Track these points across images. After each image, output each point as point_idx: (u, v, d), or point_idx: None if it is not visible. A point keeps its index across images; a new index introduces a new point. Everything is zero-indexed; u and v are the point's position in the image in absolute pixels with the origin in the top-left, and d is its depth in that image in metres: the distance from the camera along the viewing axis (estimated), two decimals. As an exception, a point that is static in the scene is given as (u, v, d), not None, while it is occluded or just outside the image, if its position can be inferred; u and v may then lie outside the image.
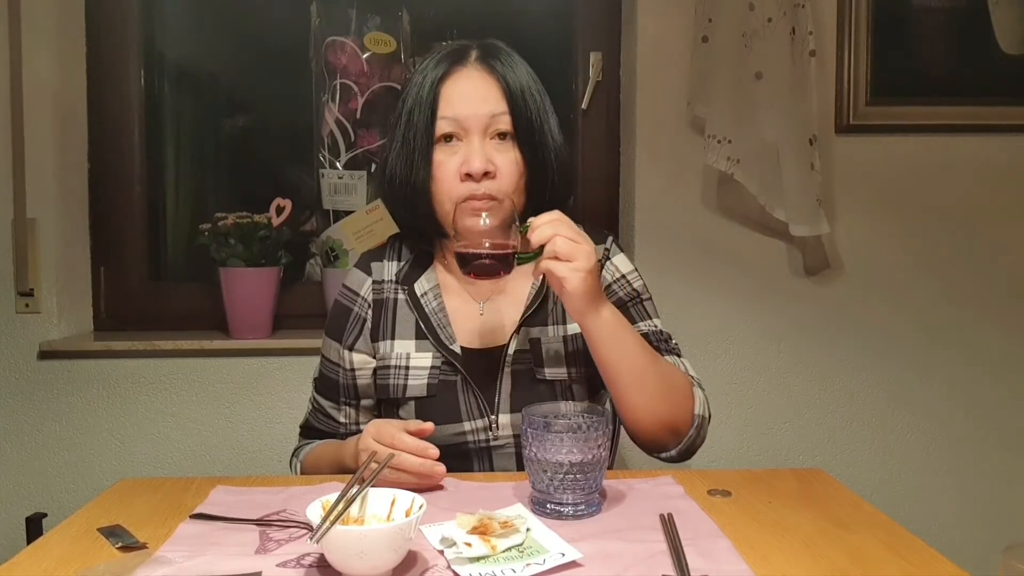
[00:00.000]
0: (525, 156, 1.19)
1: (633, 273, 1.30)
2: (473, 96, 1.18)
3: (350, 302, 1.29)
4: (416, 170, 1.19)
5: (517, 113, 1.18)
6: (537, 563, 0.83)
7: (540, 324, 1.24)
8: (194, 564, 0.85)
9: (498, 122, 1.18)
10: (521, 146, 1.19)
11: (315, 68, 2.03)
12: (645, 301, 1.29)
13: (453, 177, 1.17)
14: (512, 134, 1.18)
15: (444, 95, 1.18)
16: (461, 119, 1.17)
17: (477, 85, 1.19)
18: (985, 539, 1.98)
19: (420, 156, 1.18)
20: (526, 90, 1.20)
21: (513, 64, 1.21)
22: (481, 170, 1.15)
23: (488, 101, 1.18)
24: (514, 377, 1.21)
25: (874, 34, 1.98)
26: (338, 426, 1.31)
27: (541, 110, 1.21)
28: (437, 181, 1.19)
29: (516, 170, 1.18)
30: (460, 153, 1.17)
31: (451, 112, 1.17)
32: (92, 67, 2.03)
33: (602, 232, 1.30)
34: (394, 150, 1.22)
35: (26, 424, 1.94)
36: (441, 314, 1.25)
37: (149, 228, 2.10)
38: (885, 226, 2.03)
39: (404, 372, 1.23)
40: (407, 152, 1.20)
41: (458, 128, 1.17)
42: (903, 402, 2.06)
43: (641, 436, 1.19)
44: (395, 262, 1.30)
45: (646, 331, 1.24)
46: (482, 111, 1.17)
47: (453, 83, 1.19)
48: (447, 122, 1.17)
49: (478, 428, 1.21)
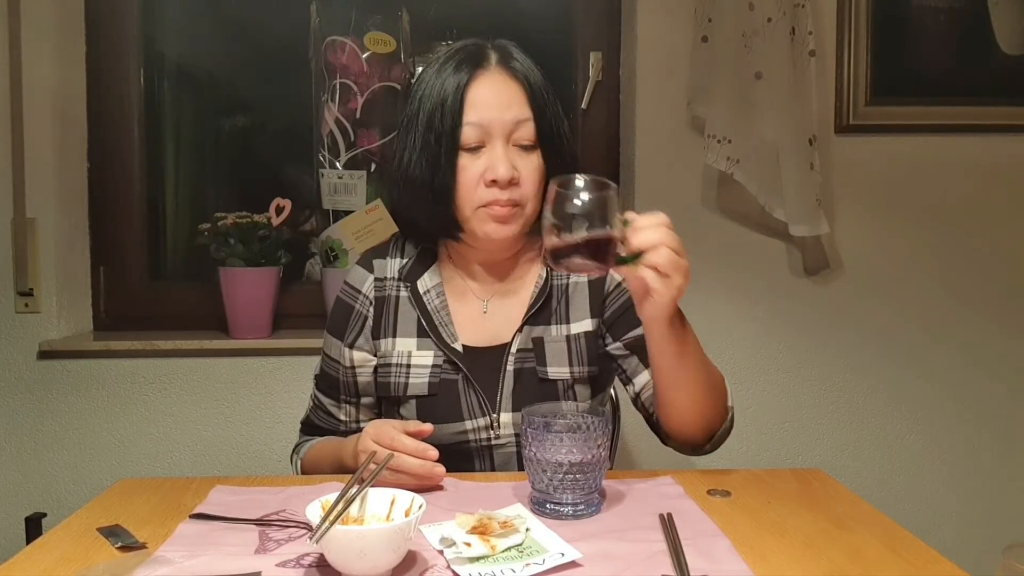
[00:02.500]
0: (547, 163, 1.19)
1: None
2: (497, 103, 1.17)
3: (352, 299, 1.28)
4: (440, 174, 1.18)
5: (540, 120, 1.19)
6: (536, 563, 0.83)
7: (543, 323, 1.24)
8: (194, 564, 0.85)
9: (521, 128, 1.18)
10: (544, 152, 1.19)
11: (315, 68, 2.03)
12: None
13: (476, 182, 1.17)
14: (535, 141, 1.19)
15: (469, 100, 1.17)
16: (486, 125, 1.17)
17: (501, 90, 1.18)
18: (985, 539, 1.98)
19: (445, 161, 1.17)
20: (546, 94, 1.20)
21: (529, 66, 1.21)
22: (507, 177, 1.15)
23: (511, 108, 1.17)
24: (516, 376, 1.21)
25: (874, 34, 1.98)
26: (338, 423, 1.31)
27: (558, 114, 1.22)
28: (460, 186, 1.18)
29: (538, 176, 1.19)
30: (483, 158, 1.17)
31: (476, 118, 1.17)
32: (92, 67, 2.03)
33: None
34: (412, 152, 1.20)
35: (26, 424, 1.94)
36: (443, 312, 1.24)
37: (149, 228, 2.10)
38: (885, 226, 2.03)
39: (405, 370, 1.23)
40: (430, 156, 1.18)
41: (483, 134, 1.17)
42: (903, 402, 2.06)
43: (682, 437, 1.19)
44: (398, 259, 1.29)
45: None
46: (506, 117, 1.17)
47: (477, 88, 1.18)
48: (472, 128, 1.17)
49: (479, 427, 1.21)
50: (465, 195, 1.18)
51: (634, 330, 1.24)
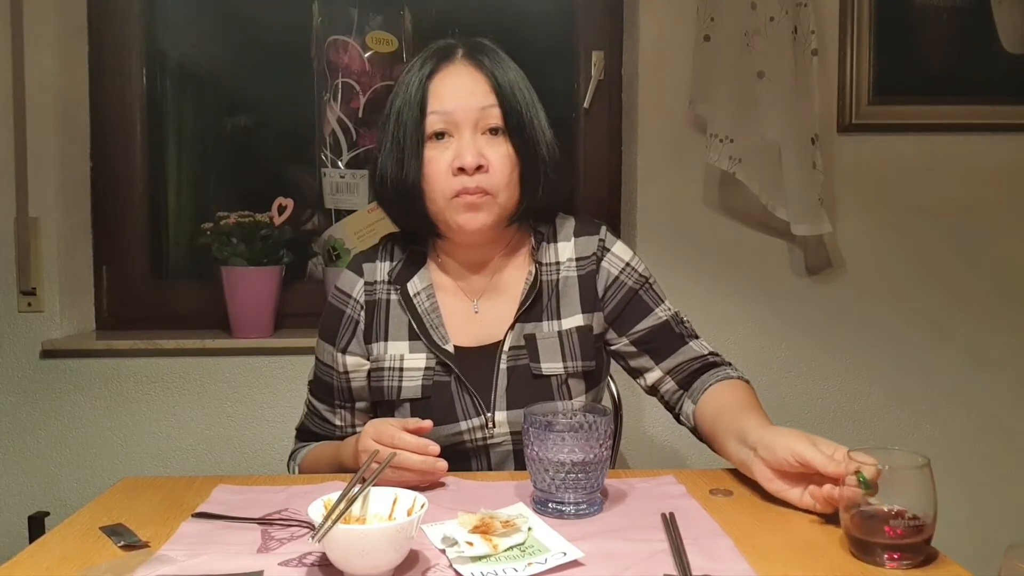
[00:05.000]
0: (517, 150, 1.18)
1: (635, 259, 1.29)
2: (462, 91, 1.17)
3: (342, 304, 1.28)
4: (407, 168, 1.18)
5: (507, 106, 1.18)
6: (539, 562, 0.83)
7: (535, 319, 1.24)
8: (196, 563, 0.85)
9: (488, 115, 1.17)
10: (512, 139, 1.18)
11: (317, 67, 2.03)
12: (653, 284, 1.29)
13: (445, 173, 1.16)
14: (503, 128, 1.18)
15: (433, 91, 1.18)
16: (451, 113, 1.16)
17: (465, 80, 1.18)
18: (986, 538, 1.98)
19: (410, 154, 1.18)
20: (514, 84, 1.19)
21: (500, 60, 1.21)
22: (474, 164, 1.15)
23: (476, 95, 1.17)
24: (510, 374, 1.21)
25: (876, 33, 1.98)
26: (334, 429, 1.31)
27: (530, 104, 1.21)
28: (429, 178, 1.18)
29: (508, 164, 1.18)
30: (451, 149, 1.17)
31: (440, 107, 1.17)
32: (94, 66, 2.03)
33: (593, 223, 1.30)
34: (384, 150, 1.21)
35: (28, 423, 1.95)
36: (434, 314, 1.24)
37: (151, 227, 2.11)
38: (887, 225, 2.03)
39: (398, 374, 1.23)
40: (397, 151, 1.19)
41: (448, 123, 1.17)
42: (904, 401, 2.06)
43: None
44: (388, 262, 1.29)
45: (665, 318, 1.25)
46: (471, 104, 1.17)
47: (441, 79, 1.19)
48: (437, 117, 1.17)
49: (475, 427, 1.20)
50: (436, 186, 1.17)
51: (639, 324, 1.24)
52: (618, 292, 1.26)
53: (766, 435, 1.01)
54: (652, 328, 1.25)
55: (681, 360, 1.24)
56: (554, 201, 1.27)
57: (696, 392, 1.21)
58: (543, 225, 1.29)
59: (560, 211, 1.32)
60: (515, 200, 1.20)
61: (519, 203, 1.21)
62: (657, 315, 1.25)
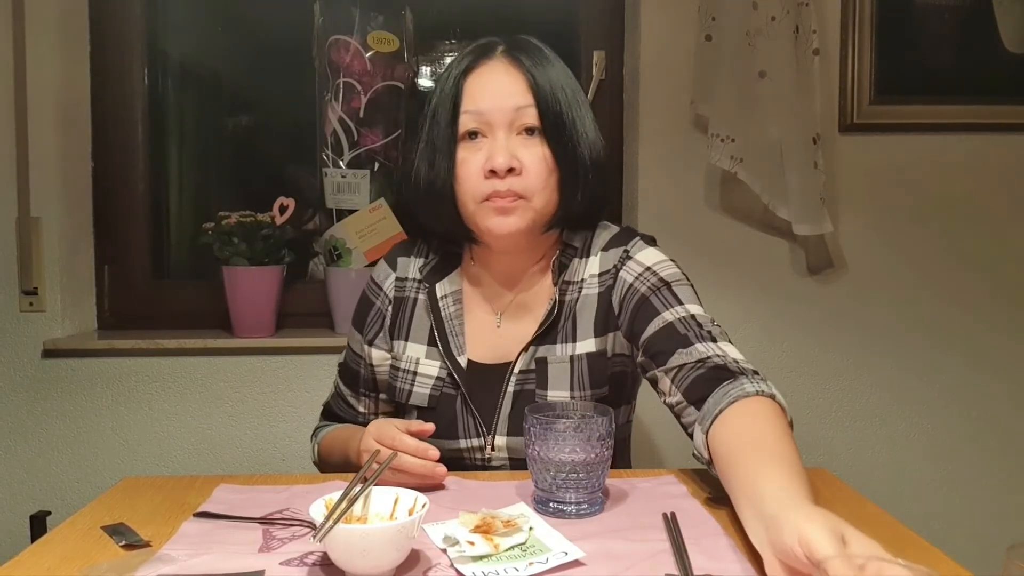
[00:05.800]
0: (554, 152, 1.12)
1: (661, 263, 1.18)
2: (497, 90, 1.12)
3: (374, 295, 1.28)
4: (438, 168, 1.14)
5: (543, 106, 1.11)
6: (540, 562, 0.83)
7: (550, 342, 1.18)
8: (197, 562, 0.85)
9: (523, 115, 1.11)
10: (549, 141, 1.12)
11: (318, 67, 2.03)
12: (675, 286, 1.16)
13: (476, 175, 1.11)
14: (540, 129, 1.12)
15: (467, 89, 1.13)
16: (484, 113, 1.11)
17: (501, 79, 1.13)
18: (988, 538, 1.98)
19: (442, 154, 1.13)
20: (555, 83, 1.13)
21: (542, 58, 1.15)
22: (505, 166, 1.09)
23: (513, 95, 1.12)
24: (515, 398, 1.17)
25: (878, 32, 1.98)
26: (357, 414, 1.31)
27: (572, 104, 1.14)
28: (460, 180, 1.13)
29: (544, 167, 1.12)
30: (484, 150, 1.12)
31: (473, 106, 1.12)
32: (96, 65, 2.03)
33: (627, 233, 1.23)
34: (418, 150, 1.17)
35: (30, 422, 1.95)
36: (457, 321, 1.21)
37: (153, 226, 2.11)
38: (888, 225, 2.02)
39: (411, 378, 1.22)
40: (431, 150, 1.15)
41: (481, 123, 1.12)
42: (906, 401, 2.06)
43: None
44: (422, 258, 1.27)
45: (671, 319, 1.12)
46: (506, 104, 1.11)
47: (476, 77, 1.14)
48: (469, 116, 1.12)
49: (474, 447, 1.19)
50: (466, 189, 1.13)
51: (646, 329, 1.13)
52: (631, 300, 1.16)
53: (782, 510, 0.75)
54: (657, 331, 1.12)
55: (684, 361, 1.08)
56: (595, 208, 1.21)
57: (707, 417, 1.00)
58: (578, 238, 1.22)
59: (603, 220, 1.26)
60: (552, 205, 1.15)
61: (557, 208, 1.16)
62: (664, 317, 1.12)
